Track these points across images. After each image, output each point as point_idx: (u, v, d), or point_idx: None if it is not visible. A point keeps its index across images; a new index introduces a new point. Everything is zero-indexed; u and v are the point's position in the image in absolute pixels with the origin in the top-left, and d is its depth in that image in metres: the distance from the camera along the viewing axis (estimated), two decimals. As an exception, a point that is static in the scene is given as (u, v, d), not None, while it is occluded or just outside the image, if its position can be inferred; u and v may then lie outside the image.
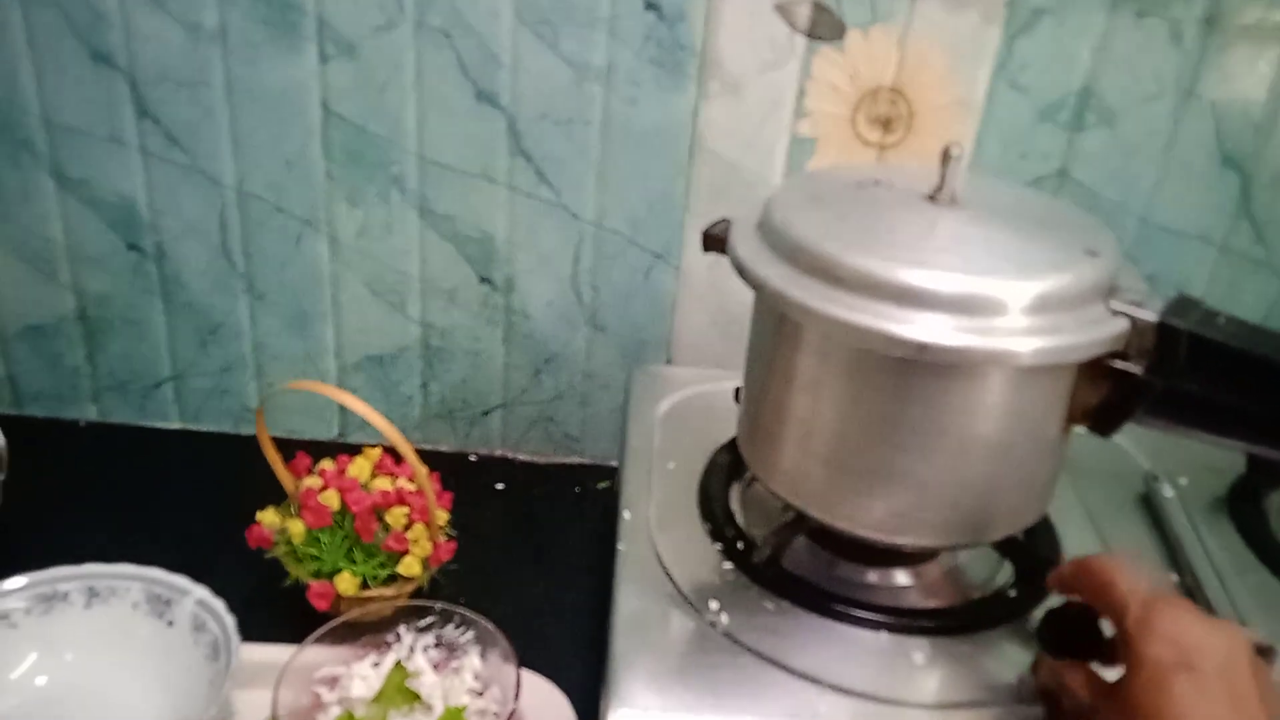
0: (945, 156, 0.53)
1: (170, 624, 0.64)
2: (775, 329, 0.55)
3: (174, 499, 0.83)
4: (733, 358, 0.87)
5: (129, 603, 0.65)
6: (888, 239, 0.51)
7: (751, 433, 0.59)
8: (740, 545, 0.59)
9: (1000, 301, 0.47)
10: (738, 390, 0.69)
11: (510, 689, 0.60)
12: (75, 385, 0.90)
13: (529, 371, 0.89)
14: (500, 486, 0.88)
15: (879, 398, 0.51)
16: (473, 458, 0.92)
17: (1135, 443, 0.71)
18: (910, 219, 0.53)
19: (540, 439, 0.92)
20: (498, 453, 0.93)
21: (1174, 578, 0.59)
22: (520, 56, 0.76)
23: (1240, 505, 0.66)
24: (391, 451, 0.75)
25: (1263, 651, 0.51)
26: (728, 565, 0.58)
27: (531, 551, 0.80)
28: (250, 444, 0.81)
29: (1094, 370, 0.49)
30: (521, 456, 0.92)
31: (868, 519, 0.53)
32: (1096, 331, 0.47)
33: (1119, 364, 0.49)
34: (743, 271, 0.53)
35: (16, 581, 0.64)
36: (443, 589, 0.72)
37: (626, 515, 0.61)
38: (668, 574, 0.57)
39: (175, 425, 0.92)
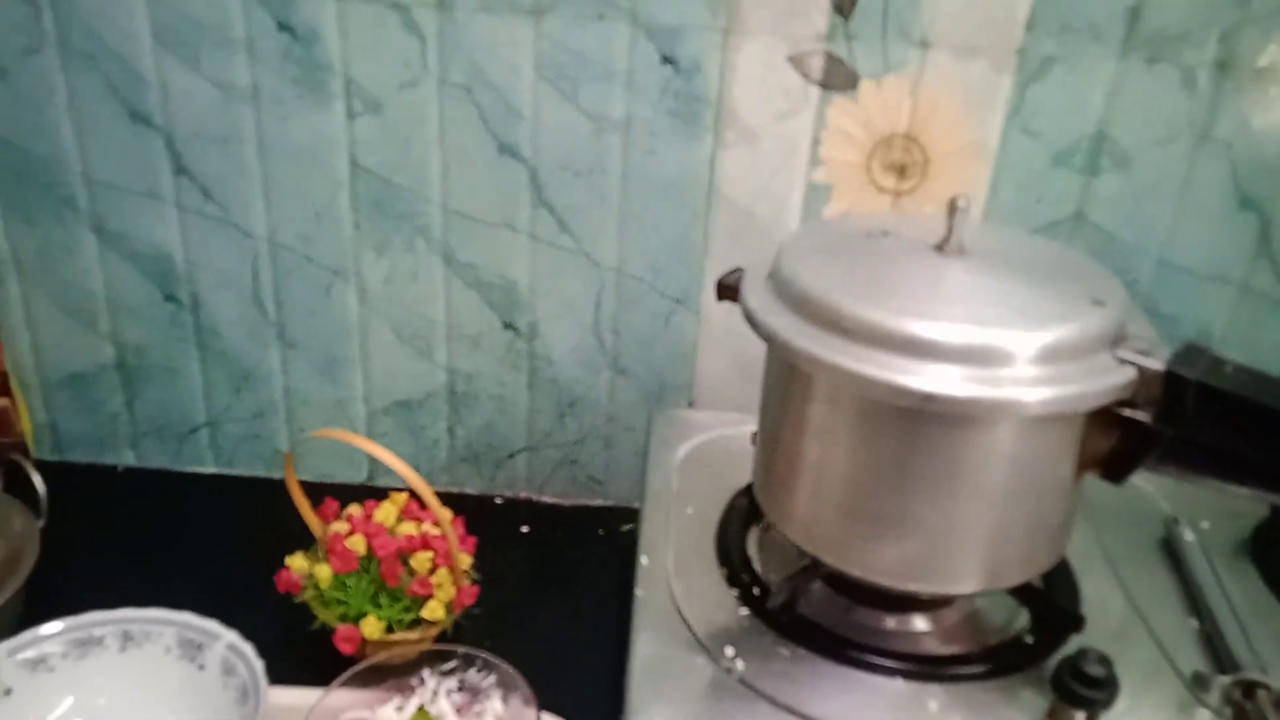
0: (952, 208, 0.54)
1: (201, 668, 0.66)
2: (787, 378, 0.56)
3: (207, 542, 0.85)
4: (753, 401, 0.88)
5: (162, 647, 0.67)
6: (895, 290, 0.52)
7: (766, 479, 0.60)
8: (756, 591, 0.59)
9: (1007, 352, 0.48)
10: (754, 434, 0.70)
11: (531, 735, 0.61)
12: (114, 431, 0.93)
13: (553, 415, 0.90)
14: (525, 529, 0.89)
15: (889, 446, 0.52)
16: (498, 500, 0.93)
17: (1156, 486, 0.71)
18: (917, 270, 0.54)
19: (564, 481, 0.93)
20: (522, 495, 0.94)
21: (1194, 623, 0.59)
22: (540, 110, 0.78)
23: (1263, 550, 0.66)
24: (418, 496, 0.77)
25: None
26: (744, 611, 0.58)
27: (555, 593, 0.81)
28: (281, 488, 0.82)
29: (1103, 418, 0.50)
30: (546, 499, 0.94)
31: (880, 565, 0.54)
32: (1103, 381, 0.48)
33: (1128, 412, 0.49)
34: (753, 322, 0.54)
35: (54, 626, 0.65)
36: (466, 632, 0.73)
37: (644, 561, 0.62)
38: (684, 620, 0.57)
39: (210, 470, 0.94)
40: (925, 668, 0.54)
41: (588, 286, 0.84)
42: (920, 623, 0.60)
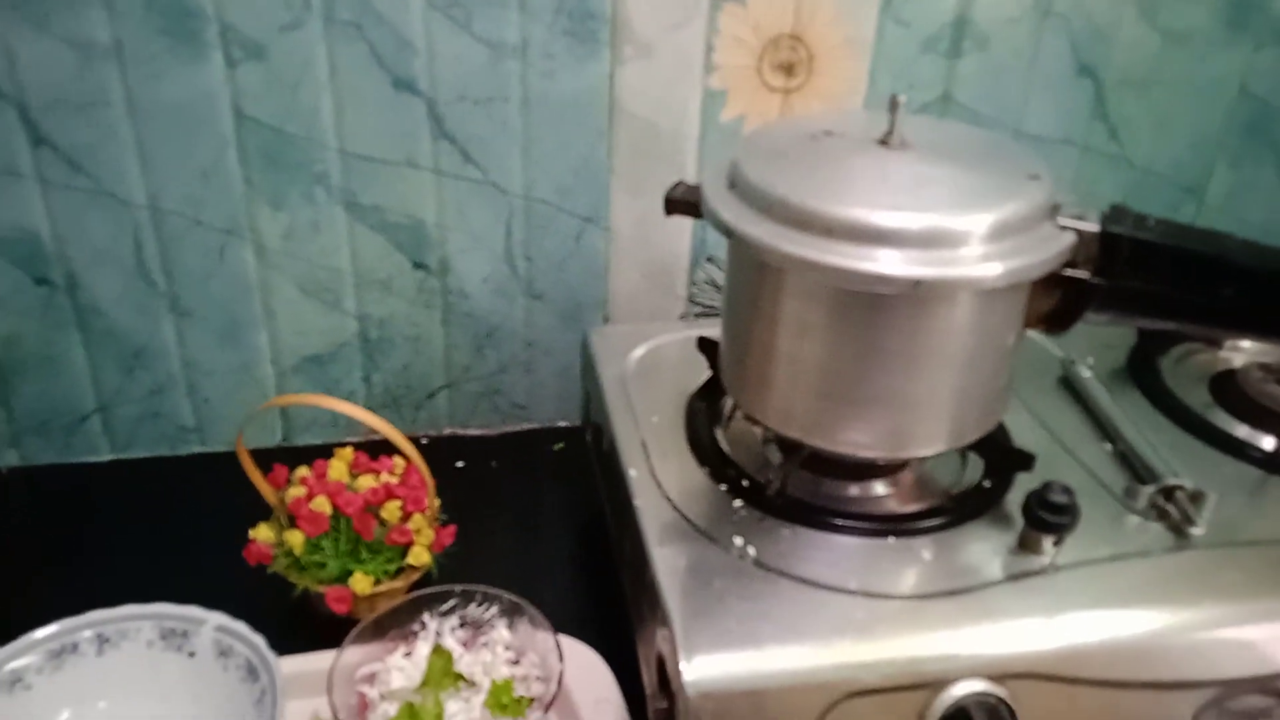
0: (893, 104, 0.58)
1: (192, 655, 0.64)
2: (758, 279, 0.59)
3: (123, 535, 0.80)
4: (666, 309, 0.92)
5: (142, 643, 0.64)
6: (855, 185, 0.55)
7: (740, 376, 0.63)
8: (745, 483, 0.64)
9: (965, 232, 0.53)
10: (701, 340, 0.73)
11: (551, 651, 0.64)
12: (-10, 433, 0.86)
13: (471, 349, 0.90)
14: (460, 464, 0.89)
15: (860, 330, 0.56)
16: (424, 440, 0.93)
17: (1044, 335, 0.79)
18: (869, 164, 0.58)
19: (488, 412, 0.94)
20: (446, 432, 0.94)
21: (1108, 446, 0.68)
22: (434, 41, 0.76)
23: (1139, 373, 0.76)
24: (362, 448, 0.76)
25: (1194, 497, 0.61)
26: (738, 503, 0.62)
27: (509, 520, 0.83)
28: (190, 464, 0.80)
29: (1047, 281, 0.56)
30: (472, 431, 0.94)
31: (860, 439, 0.59)
32: (1050, 248, 0.54)
33: (1069, 272, 0.56)
34: (730, 232, 0.56)
35: (21, 643, 0.62)
36: (445, 572, 0.74)
37: (633, 473, 0.65)
38: (688, 520, 0.61)
39: (106, 457, 0.89)
40: (912, 524, 0.61)
41: (496, 215, 0.84)
42: (880, 487, 0.66)
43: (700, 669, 0.51)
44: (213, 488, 0.84)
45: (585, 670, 0.66)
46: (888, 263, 0.52)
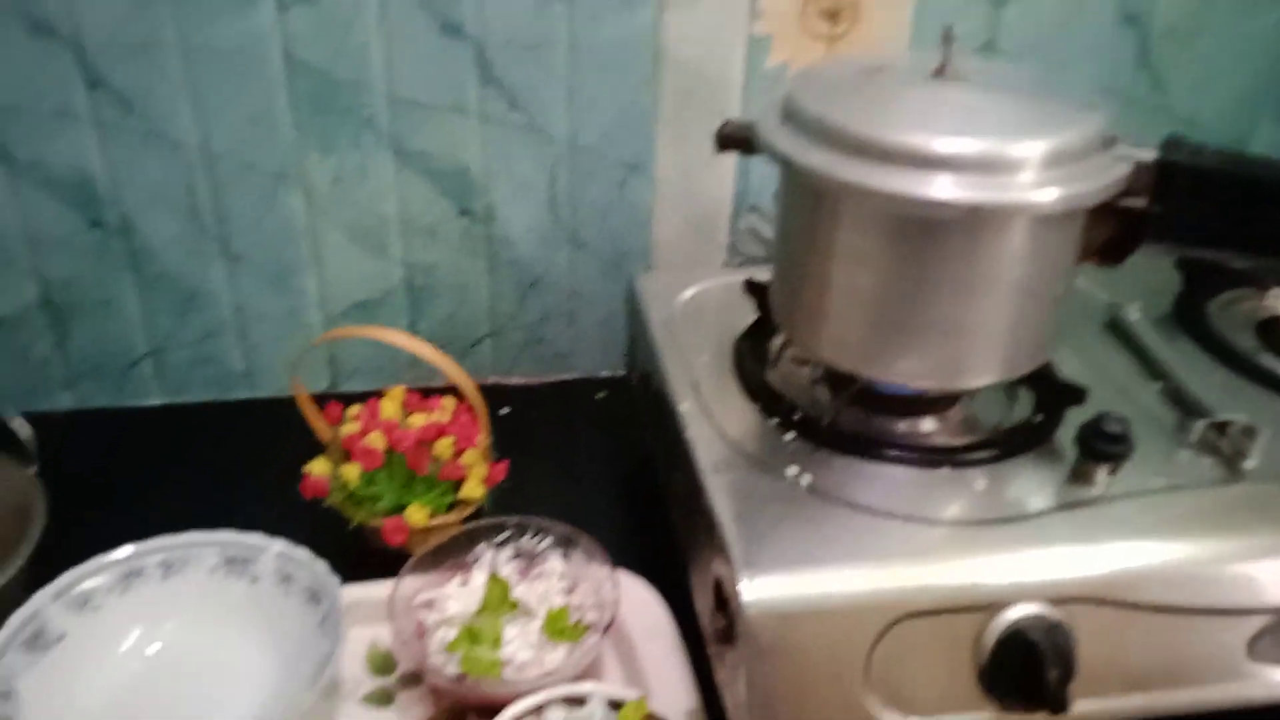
0: (946, 37, 0.58)
1: (254, 580, 0.65)
2: (813, 209, 0.59)
3: (177, 477, 0.82)
4: (708, 259, 0.92)
5: (205, 568, 0.66)
6: (913, 114, 0.56)
7: (794, 311, 0.64)
8: (797, 417, 0.64)
9: (1023, 159, 0.53)
10: (748, 282, 0.74)
11: (606, 580, 0.65)
12: (46, 376, 0.87)
13: (515, 297, 0.91)
14: (505, 411, 0.90)
15: (917, 259, 0.57)
16: (468, 389, 0.94)
17: (1090, 279, 0.80)
18: (924, 95, 0.58)
19: (531, 361, 0.95)
20: (490, 380, 0.95)
21: (1156, 385, 0.69)
22: (483, -16, 0.76)
23: (1185, 316, 0.76)
24: (415, 391, 0.77)
25: (1246, 431, 0.61)
26: (790, 436, 0.63)
27: (553, 468, 0.84)
28: (240, 409, 0.81)
29: (1102, 211, 0.56)
30: (515, 380, 0.95)
31: (922, 370, 0.60)
32: (1109, 175, 0.54)
33: (1124, 202, 0.56)
34: (787, 162, 0.57)
35: (92, 564, 0.63)
36: (496, 511, 0.75)
37: (684, 407, 0.66)
38: (741, 452, 0.62)
39: (157, 402, 0.90)
40: (966, 455, 0.61)
41: (541, 162, 0.85)
42: (929, 424, 0.67)
43: (759, 588, 0.52)
44: (263, 433, 0.86)
45: (637, 602, 0.67)
46: (944, 188, 0.53)
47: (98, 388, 0.88)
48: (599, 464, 0.85)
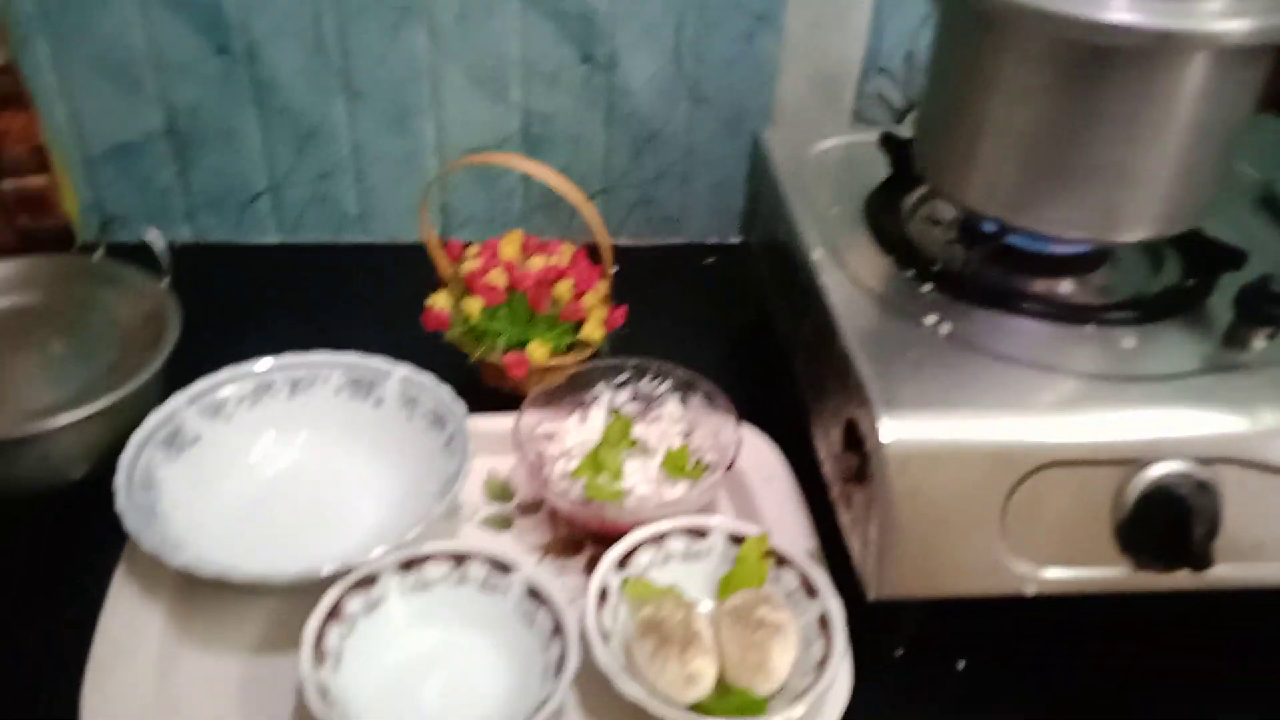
0: None
1: (379, 403, 0.66)
2: (975, 40, 0.57)
3: (294, 313, 0.82)
4: (831, 123, 0.89)
5: (331, 388, 0.67)
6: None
7: (941, 153, 0.62)
8: (935, 268, 0.62)
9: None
10: (885, 136, 0.71)
11: (725, 425, 0.64)
12: (167, 205, 0.88)
13: (630, 153, 0.89)
14: (614, 269, 0.89)
15: (1086, 95, 0.54)
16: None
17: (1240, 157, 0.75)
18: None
19: (640, 223, 0.93)
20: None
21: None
22: None
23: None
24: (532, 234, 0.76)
25: None
26: (927, 287, 0.61)
27: (667, 323, 0.83)
28: (353, 252, 0.81)
29: (1289, 56, 0.53)
30: (623, 241, 0.94)
31: (1076, 219, 0.57)
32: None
33: (1316, 48, 0.52)
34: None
35: (223, 374, 0.65)
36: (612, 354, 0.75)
37: (817, 254, 0.64)
38: (878, 299, 0.60)
39: (274, 240, 0.91)
40: (1115, 313, 0.59)
41: (669, 7, 0.82)
42: (1068, 285, 0.64)
43: (899, 428, 0.51)
44: (377, 276, 0.86)
45: (754, 450, 0.67)
46: (1124, 11, 0.50)
47: (216, 222, 0.89)
48: (707, 325, 0.84)
